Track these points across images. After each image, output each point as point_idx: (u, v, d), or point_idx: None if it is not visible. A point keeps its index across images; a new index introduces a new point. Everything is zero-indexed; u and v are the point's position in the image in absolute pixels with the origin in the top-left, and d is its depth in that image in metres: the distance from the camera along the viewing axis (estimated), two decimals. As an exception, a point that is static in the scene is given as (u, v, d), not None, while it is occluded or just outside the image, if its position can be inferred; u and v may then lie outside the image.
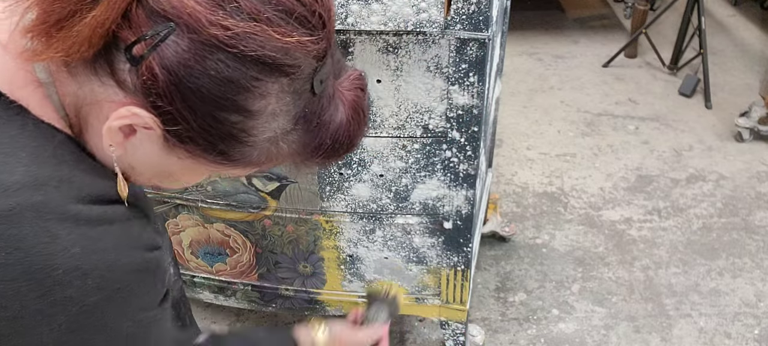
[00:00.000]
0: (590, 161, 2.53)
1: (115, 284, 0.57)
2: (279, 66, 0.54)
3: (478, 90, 1.15)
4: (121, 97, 0.55)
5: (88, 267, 0.54)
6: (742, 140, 2.63)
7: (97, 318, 0.57)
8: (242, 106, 0.55)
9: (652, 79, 3.14)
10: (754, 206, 2.29)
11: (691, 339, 1.78)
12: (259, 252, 1.46)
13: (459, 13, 1.07)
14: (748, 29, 3.65)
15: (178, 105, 0.53)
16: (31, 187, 0.53)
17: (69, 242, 0.53)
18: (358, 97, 0.64)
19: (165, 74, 0.52)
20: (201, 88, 0.53)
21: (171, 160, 0.60)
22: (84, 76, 0.56)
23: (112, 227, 0.58)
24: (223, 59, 0.52)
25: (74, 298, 0.54)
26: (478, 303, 1.88)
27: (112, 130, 0.56)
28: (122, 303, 0.58)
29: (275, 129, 0.59)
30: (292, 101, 0.58)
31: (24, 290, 0.52)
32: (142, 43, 0.52)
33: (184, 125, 0.55)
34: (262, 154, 0.60)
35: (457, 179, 1.28)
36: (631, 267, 2.02)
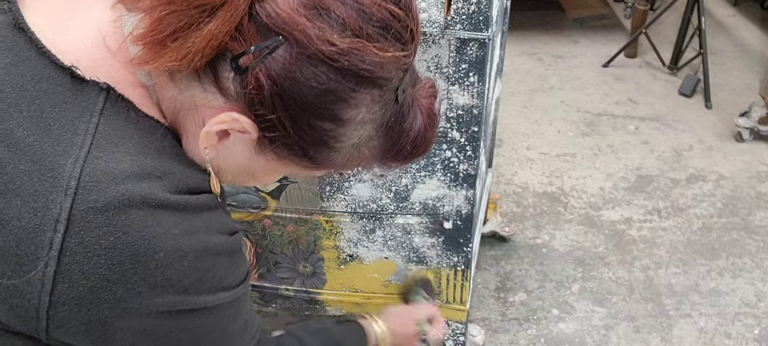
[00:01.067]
0: (590, 161, 2.53)
1: (207, 264, 0.60)
2: (375, 79, 0.57)
3: (478, 90, 1.15)
4: (221, 103, 0.58)
5: (186, 249, 0.58)
6: (742, 140, 2.63)
7: (192, 298, 0.60)
8: (337, 115, 0.58)
9: (652, 79, 3.14)
10: (754, 206, 2.29)
11: (691, 339, 1.79)
12: (259, 252, 1.46)
13: (459, 13, 1.07)
14: (748, 29, 3.65)
15: (280, 113, 0.56)
16: (138, 176, 0.55)
17: (170, 225, 0.57)
18: (432, 104, 0.68)
19: (270, 84, 0.55)
20: (303, 98, 0.56)
21: (258, 163, 0.64)
22: (186, 82, 0.59)
23: (203, 213, 0.61)
24: (325, 72, 0.55)
25: (172, 279, 0.57)
26: (478, 303, 1.88)
27: (210, 134, 0.59)
28: (214, 283, 0.62)
29: (361, 136, 0.62)
30: (379, 109, 0.61)
31: (130, 272, 0.55)
32: (250, 55, 0.54)
33: (281, 132, 0.58)
34: (346, 158, 0.64)
35: (457, 179, 1.28)
36: (631, 267, 2.02)
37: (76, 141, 0.54)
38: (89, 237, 0.53)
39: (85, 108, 0.56)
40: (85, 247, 0.53)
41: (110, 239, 0.53)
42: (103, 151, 0.55)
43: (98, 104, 0.56)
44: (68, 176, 0.53)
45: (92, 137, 0.55)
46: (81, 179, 0.53)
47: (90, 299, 0.54)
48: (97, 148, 0.55)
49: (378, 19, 0.56)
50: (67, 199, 0.52)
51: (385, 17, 0.56)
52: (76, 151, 0.54)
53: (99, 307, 0.55)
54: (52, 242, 0.52)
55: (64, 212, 0.52)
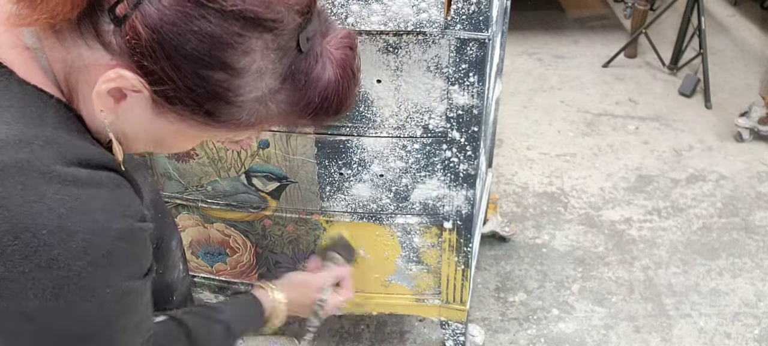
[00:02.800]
0: (590, 161, 2.53)
1: (102, 249, 0.56)
2: (261, 20, 0.54)
3: (478, 90, 1.16)
4: (107, 59, 0.55)
5: (75, 228, 0.53)
6: (742, 140, 2.63)
7: (82, 284, 0.56)
8: (227, 63, 0.55)
9: (652, 79, 3.14)
10: (754, 206, 2.29)
11: (691, 339, 1.79)
12: (259, 252, 1.46)
13: (459, 13, 1.07)
14: (748, 29, 3.65)
15: (163, 63, 0.54)
16: (16, 145, 0.52)
17: (55, 202, 0.53)
18: (346, 55, 0.64)
19: (148, 32, 0.52)
20: (184, 45, 0.53)
21: (162, 125, 0.60)
22: (71, 40, 0.56)
23: (100, 190, 0.57)
24: (205, 15, 0.52)
25: (59, 260, 0.53)
26: (478, 303, 1.88)
27: (101, 95, 0.56)
28: (109, 269, 0.57)
29: (262, 88, 0.58)
30: (277, 59, 0.57)
31: (9, 250, 0.51)
32: (125, 2, 0.52)
33: (171, 85, 0.55)
34: (252, 115, 0.60)
35: (457, 179, 1.28)
36: (631, 267, 2.02)
37: None
38: None
39: None
40: None
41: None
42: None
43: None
44: None
45: None
46: None
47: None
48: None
49: None
50: None
51: None
52: None
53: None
54: None
55: None
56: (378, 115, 1.21)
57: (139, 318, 0.66)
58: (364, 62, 1.15)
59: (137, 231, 0.60)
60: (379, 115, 1.21)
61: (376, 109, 1.20)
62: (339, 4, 1.04)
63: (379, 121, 1.21)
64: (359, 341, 1.75)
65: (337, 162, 1.28)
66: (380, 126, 1.22)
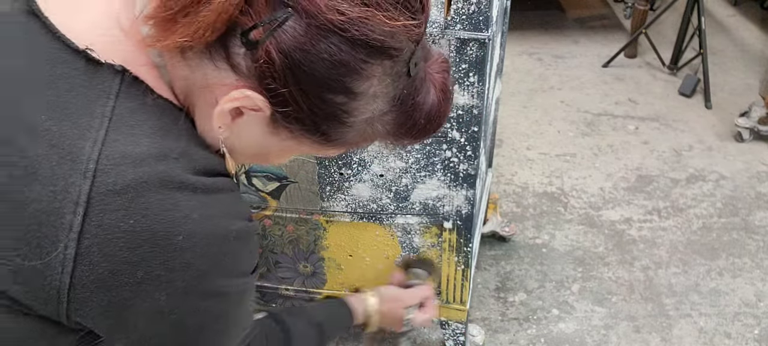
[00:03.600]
0: (590, 161, 2.53)
1: (225, 248, 0.60)
2: (386, 49, 0.57)
3: (478, 90, 1.16)
4: (233, 80, 0.58)
5: (204, 233, 0.58)
6: (742, 140, 2.63)
7: (208, 282, 0.60)
8: (349, 87, 0.57)
9: (652, 79, 3.14)
10: (754, 206, 2.29)
11: (691, 339, 1.79)
12: (259, 252, 1.46)
13: (459, 13, 1.07)
14: (748, 29, 3.65)
15: (292, 87, 0.56)
16: (156, 158, 0.56)
17: (189, 209, 0.56)
18: (445, 78, 0.67)
19: (281, 58, 0.54)
20: (314, 70, 0.55)
21: (273, 141, 0.63)
22: (197, 60, 0.58)
23: (221, 195, 0.61)
24: (336, 43, 0.54)
25: (191, 263, 0.57)
26: (478, 303, 1.88)
27: (223, 113, 0.59)
28: (229, 268, 0.62)
29: (374, 110, 0.61)
30: (391, 83, 0.60)
31: (149, 255, 0.55)
32: (261, 29, 0.54)
33: (294, 106, 0.58)
34: (359, 135, 0.63)
35: (457, 179, 1.28)
36: (631, 267, 2.02)
37: (93, 124, 0.55)
38: (108, 220, 0.53)
39: (101, 91, 0.56)
40: (104, 229, 0.53)
41: (129, 221, 0.54)
42: (120, 133, 0.55)
43: (114, 87, 0.57)
44: (87, 159, 0.53)
45: (109, 120, 0.55)
46: (99, 161, 0.53)
47: (110, 281, 0.55)
48: (114, 131, 0.55)
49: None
50: (86, 181, 0.53)
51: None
52: (94, 134, 0.54)
53: (118, 289, 0.55)
54: (71, 225, 0.52)
55: (83, 194, 0.52)
56: (378, 115, 1.21)
57: (248, 311, 0.72)
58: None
59: (250, 230, 0.65)
60: (379, 115, 1.21)
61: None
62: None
63: (379, 121, 1.21)
64: (359, 341, 1.75)
65: (337, 162, 1.28)
66: (380, 126, 1.22)
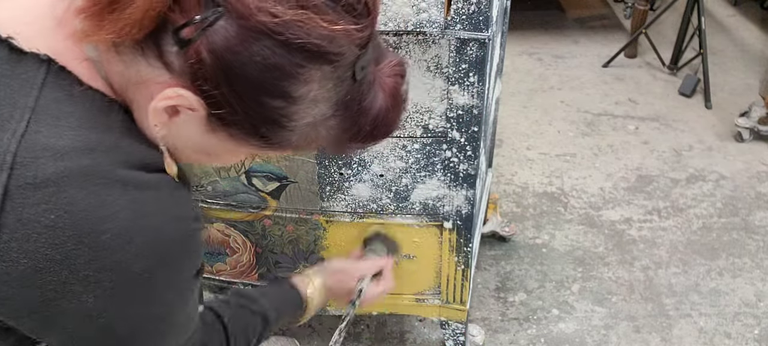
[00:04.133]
0: (590, 161, 2.53)
1: (160, 251, 0.58)
2: (324, 54, 0.55)
3: (478, 90, 1.15)
4: (167, 78, 0.56)
5: (136, 232, 0.55)
6: (742, 140, 2.63)
7: (141, 285, 0.57)
8: (286, 91, 0.56)
9: (652, 79, 3.14)
10: (754, 206, 2.29)
11: (691, 339, 1.79)
12: (259, 252, 1.46)
13: (459, 13, 1.07)
14: (748, 29, 3.65)
15: (224, 89, 0.54)
16: (81, 151, 0.54)
17: (117, 207, 0.54)
18: (397, 83, 0.65)
19: (212, 58, 0.53)
20: (247, 73, 0.53)
21: (212, 142, 0.61)
22: (131, 56, 0.57)
23: (159, 193, 0.58)
24: (269, 46, 0.53)
25: (121, 263, 0.55)
26: (478, 303, 1.88)
27: (157, 111, 0.57)
28: (167, 270, 0.59)
29: (315, 115, 0.59)
30: (333, 88, 0.58)
31: (73, 254, 0.53)
32: (191, 27, 0.52)
33: (229, 109, 0.56)
34: (301, 139, 0.61)
35: (457, 179, 1.28)
36: (631, 267, 2.02)
37: (14, 115, 0.53)
38: (28, 214, 0.51)
39: (24, 81, 0.54)
40: (23, 224, 0.51)
41: (51, 216, 0.52)
42: (43, 125, 0.53)
43: (38, 77, 0.55)
44: (4, 151, 0.51)
45: (31, 111, 0.53)
46: (18, 153, 0.51)
47: (33, 278, 0.53)
48: (36, 123, 0.53)
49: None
50: (3, 174, 0.51)
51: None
52: (14, 125, 0.52)
53: (43, 288, 0.53)
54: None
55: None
56: (378, 115, 1.20)
57: (190, 314, 0.69)
58: (364, 62, 1.15)
59: (192, 232, 0.62)
60: (379, 115, 1.21)
61: (376, 109, 1.20)
62: (339, 4, 1.04)
63: (379, 121, 1.21)
64: (359, 341, 1.75)
65: (337, 162, 1.28)
66: (380, 126, 1.22)
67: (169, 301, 0.62)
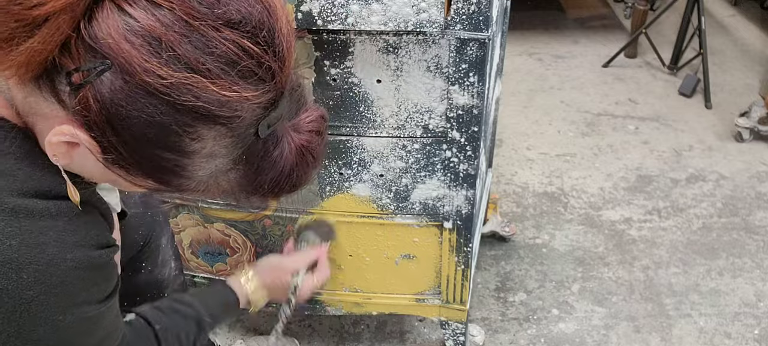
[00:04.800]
0: (590, 161, 2.53)
1: (55, 279, 0.57)
2: (215, 116, 0.54)
3: (478, 90, 1.16)
4: (62, 115, 0.55)
5: (25, 261, 0.55)
6: (742, 140, 2.63)
7: (34, 311, 0.57)
8: (176, 147, 0.55)
9: (652, 79, 3.14)
10: (754, 206, 2.29)
11: (691, 339, 1.79)
12: (259, 252, 1.46)
13: (459, 13, 1.07)
14: (748, 29, 3.65)
15: (111, 137, 0.54)
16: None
17: (5, 235, 0.54)
18: (309, 141, 0.62)
19: (98, 107, 0.52)
20: (133, 126, 0.53)
21: (113, 176, 0.60)
22: (30, 88, 0.56)
23: (56, 222, 0.57)
24: (155, 104, 0.52)
25: (9, 290, 0.54)
26: (478, 303, 1.88)
27: (52, 144, 0.56)
28: (63, 298, 0.59)
29: (213, 168, 0.58)
30: (232, 143, 0.57)
31: None
32: (79, 74, 0.52)
33: (117, 155, 0.55)
34: (200, 186, 0.60)
35: (457, 179, 1.28)
36: (631, 267, 2.02)
37: None
38: None
39: None
40: None
41: None
42: None
43: None
44: None
45: None
46: None
47: None
48: None
49: (222, 55, 0.52)
50: None
51: (229, 52, 0.52)
52: None
53: None
54: None
55: None
56: (378, 115, 1.21)
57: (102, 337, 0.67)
58: (364, 62, 1.15)
59: (95, 259, 0.61)
60: (379, 115, 1.21)
61: (376, 109, 1.20)
62: (339, 4, 1.04)
63: (379, 121, 1.21)
64: (359, 341, 1.75)
65: (337, 162, 1.28)
66: (380, 126, 1.22)
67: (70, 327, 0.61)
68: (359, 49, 1.13)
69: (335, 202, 1.34)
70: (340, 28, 1.07)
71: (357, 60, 1.14)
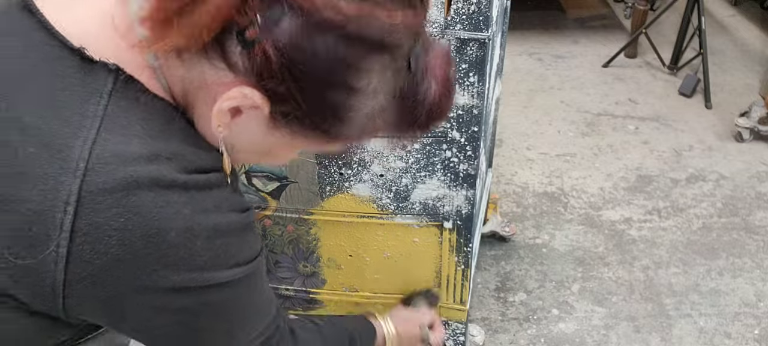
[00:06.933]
0: (590, 161, 2.53)
1: (219, 242, 0.61)
2: (384, 45, 0.56)
3: (478, 90, 1.16)
4: (231, 78, 0.57)
5: (197, 228, 0.58)
6: (742, 140, 2.63)
7: (206, 275, 0.61)
8: (348, 84, 0.57)
9: (652, 79, 3.14)
10: (754, 206, 2.29)
11: (691, 339, 1.79)
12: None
13: (459, 13, 1.07)
14: (748, 29, 3.65)
15: (289, 84, 0.55)
16: (147, 158, 0.56)
17: (180, 205, 0.57)
18: (447, 72, 0.66)
19: (278, 56, 0.53)
20: (312, 67, 0.55)
21: (273, 139, 0.63)
22: (194, 60, 0.58)
23: (212, 191, 0.61)
24: (333, 40, 0.54)
25: (186, 258, 0.58)
26: (478, 303, 1.88)
27: (221, 112, 0.59)
28: (226, 259, 0.63)
29: (374, 105, 0.61)
30: (392, 78, 0.60)
31: (142, 252, 0.56)
32: (256, 27, 0.53)
33: (293, 104, 0.57)
34: (359, 130, 0.63)
35: (457, 179, 1.28)
36: (631, 267, 2.02)
37: (85, 123, 0.55)
38: (99, 218, 0.53)
39: (94, 90, 0.56)
40: (96, 228, 0.53)
41: (120, 220, 0.54)
42: (111, 133, 0.55)
43: (107, 86, 0.56)
44: (77, 158, 0.53)
45: (101, 119, 0.55)
46: (90, 160, 0.53)
47: (104, 277, 0.55)
48: (105, 131, 0.55)
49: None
50: (76, 180, 0.53)
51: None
52: (85, 133, 0.54)
53: (114, 285, 0.56)
54: (62, 224, 0.53)
55: (73, 193, 0.53)
56: (378, 115, 1.21)
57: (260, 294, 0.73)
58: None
59: (245, 221, 0.65)
60: (379, 115, 1.21)
61: (376, 109, 1.20)
62: (339, 4, 1.04)
63: (379, 121, 1.21)
64: (359, 341, 1.75)
65: (337, 162, 1.28)
66: (380, 126, 1.22)
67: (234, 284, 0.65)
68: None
69: (335, 202, 1.34)
70: (340, 28, 1.07)
71: (357, 60, 1.14)
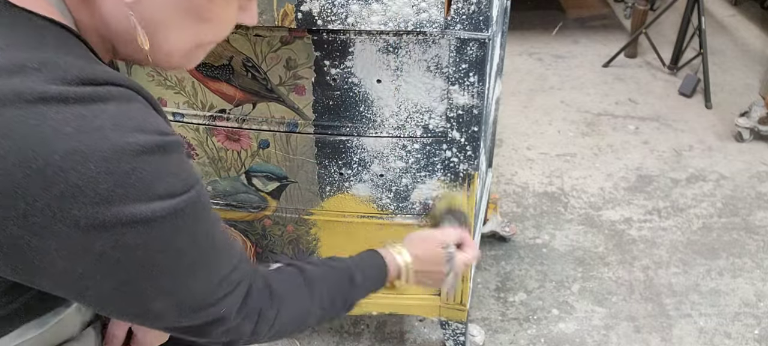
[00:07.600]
0: (590, 161, 2.53)
1: (125, 166, 0.51)
2: None
3: (478, 90, 1.16)
4: None
5: (88, 150, 0.49)
6: (742, 140, 2.63)
7: (116, 209, 0.51)
8: None
9: (652, 79, 3.14)
10: (754, 206, 2.29)
11: (691, 339, 1.79)
12: (259, 252, 1.46)
13: (459, 13, 1.07)
14: (748, 29, 3.65)
15: None
16: (8, 71, 0.48)
17: (59, 121, 0.48)
18: None
19: None
20: None
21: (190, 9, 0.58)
22: None
23: (107, 105, 0.52)
24: None
25: (81, 186, 0.49)
26: (478, 303, 1.88)
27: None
28: (141, 189, 0.52)
29: None
30: None
31: (24, 182, 0.47)
32: None
33: None
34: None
35: (457, 179, 1.28)
36: (631, 267, 2.02)
37: None
38: None
39: None
40: None
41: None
42: None
43: None
44: None
45: None
46: None
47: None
48: None
49: None
50: None
51: None
52: None
53: (3, 225, 0.48)
54: None
55: None
56: (378, 115, 1.21)
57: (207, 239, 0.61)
58: (364, 62, 1.15)
59: (163, 144, 0.54)
60: (379, 115, 1.21)
61: (376, 109, 1.20)
62: (339, 4, 1.04)
63: (379, 121, 1.21)
64: (359, 341, 1.75)
65: (337, 162, 1.28)
66: (380, 126, 1.22)
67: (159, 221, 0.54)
68: (359, 49, 1.13)
69: (335, 202, 1.34)
70: (340, 28, 1.07)
71: (357, 60, 1.14)
